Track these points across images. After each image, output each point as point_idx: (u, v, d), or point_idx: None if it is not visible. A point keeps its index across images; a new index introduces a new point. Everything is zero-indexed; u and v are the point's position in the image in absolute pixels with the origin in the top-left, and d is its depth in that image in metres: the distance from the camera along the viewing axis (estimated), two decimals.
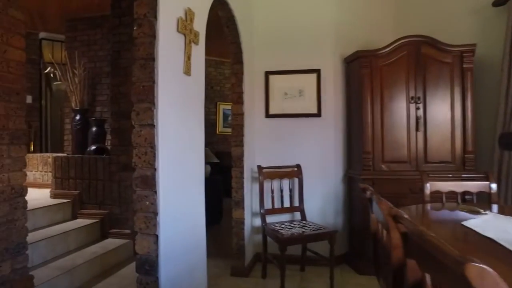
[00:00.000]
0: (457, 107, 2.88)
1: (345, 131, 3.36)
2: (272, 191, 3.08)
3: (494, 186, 2.14)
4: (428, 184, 2.22)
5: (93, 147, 4.05)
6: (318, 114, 3.27)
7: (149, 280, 1.63)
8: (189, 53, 1.96)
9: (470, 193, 2.27)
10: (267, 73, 3.37)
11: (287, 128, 3.34)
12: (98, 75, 4.87)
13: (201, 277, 2.17)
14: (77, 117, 4.44)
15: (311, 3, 3.32)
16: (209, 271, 2.29)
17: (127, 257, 3.22)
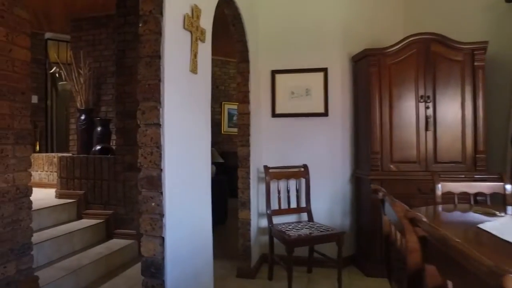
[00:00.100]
0: (468, 106, 2.82)
1: (353, 130, 3.31)
2: (279, 192, 3.04)
3: (508, 187, 2.08)
4: (440, 185, 2.17)
5: (98, 147, 4.04)
6: (325, 114, 3.23)
7: (155, 283, 1.60)
8: (195, 50, 1.92)
9: (482, 194, 2.21)
10: (274, 72, 3.33)
11: (293, 128, 3.29)
12: (103, 74, 4.87)
13: (207, 280, 2.13)
14: (82, 117, 4.43)
15: (318, 0, 3.27)
16: (214, 272, 2.26)
17: (132, 258, 3.20)
